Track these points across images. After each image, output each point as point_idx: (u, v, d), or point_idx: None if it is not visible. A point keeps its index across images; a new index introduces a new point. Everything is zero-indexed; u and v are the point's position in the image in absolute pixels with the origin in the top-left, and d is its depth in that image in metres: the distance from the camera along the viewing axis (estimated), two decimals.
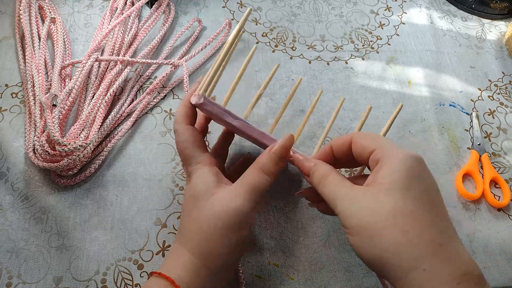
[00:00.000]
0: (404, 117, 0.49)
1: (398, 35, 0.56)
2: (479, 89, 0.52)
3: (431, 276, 0.24)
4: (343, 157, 0.32)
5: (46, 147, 0.39)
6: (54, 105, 0.40)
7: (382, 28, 0.57)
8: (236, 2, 0.57)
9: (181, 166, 0.43)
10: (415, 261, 0.24)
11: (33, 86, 0.44)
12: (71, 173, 0.41)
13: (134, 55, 0.50)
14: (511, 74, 0.54)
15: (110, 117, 0.44)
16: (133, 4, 0.53)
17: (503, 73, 0.54)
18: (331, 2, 0.59)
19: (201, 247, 0.30)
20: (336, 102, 0.49)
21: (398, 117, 0.48)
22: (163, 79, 0.48)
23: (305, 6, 0.58)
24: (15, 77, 0.48)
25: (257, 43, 0.53)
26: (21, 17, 0.49)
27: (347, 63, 0.53)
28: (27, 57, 0.46)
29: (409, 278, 0.24)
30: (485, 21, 0.60)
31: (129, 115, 0.46)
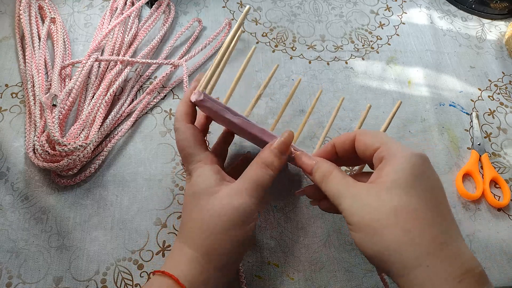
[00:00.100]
0: (404, 117, 0.49)
1: (398, 35, 0.56)
2: (479, 89, 0.52)
3: (432, 274, 0.24)
4: (345, 155, 0.32)
5: (46, 147, 0.39)
6: (54, 105, 0.40)
7: (382, 28, 0.57)
8: (236, 2, 0.57)
9: (181, 166, 0.43)
10: (416, 260, 0.24)
11: (33, 86, 0.44)
12: (71, 173, 0.41)
13: (134, 55, 0.50)
14: (511, 74, 0.54)
15: (110, 117, 0.44)
16: (133, 4, 0.53)
17: (503, 73, 0.54)
18: (331, 2, 0.59)
19: (205, 244, 0.30)
20: (336, 102, 0.49)
21: (398, 117, 0.48)
22: (163, 79, 0.48)
23: (305, 6, 0.58)
24: (15, 77, 0.48)
25: (257, 43, 0.53)
26: (21, 17, 0.49)
27: (347, 63, 0.53)
28: (27, 57, 0.46)
29: (410, 276, 0.24)
30: (485, 21, 0.60)
31: (129, 115, 0.46)
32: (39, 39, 0.48)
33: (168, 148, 0.44)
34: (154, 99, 0.47)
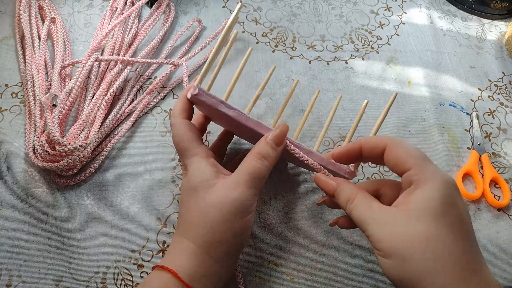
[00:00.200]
0: (404, 117, 0.49)
1: (398, 35, 0.56)
2: (479, 89, 0.52)
3: None
4: (371, 159, 0.32)
5: (46, 147, 0.39)
6: (54, 105, 0.40)
7: (382, 28, 0.57)
8: (236, 2, 0.57)
9: (181, 165, 0.43)
10: (447, 287, 0.24)
11: (33, 86, 0.44)
12: (71, 173, 0.41)
13: (134, 55, 0.50)
14: (511, 74, 0.54)
15: (110, 117, 0.44)
16: (133, 4, 0.53)
17: (503, 73, 0.54)
18: (331, 2, 0.59)
19: (204, 237, 0.30)
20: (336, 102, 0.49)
21: (398, 117, 0.48)
22: (163, 79, 0.48)
23: (305, 6, 0.58)
24: (15, 77, 0.48)
25: (257, 43, 0.53)
26: (21, 17, 0.49)
27: (347, 63, 0.53)
28: (27, 57, 0.46)
29: None
30: (485, 21, 0.60)
31: (129, 115, 0.46)
32: (39, 39, 0.48)
33: (168, 148, 0.44)
34: (154, 99, 0.47)
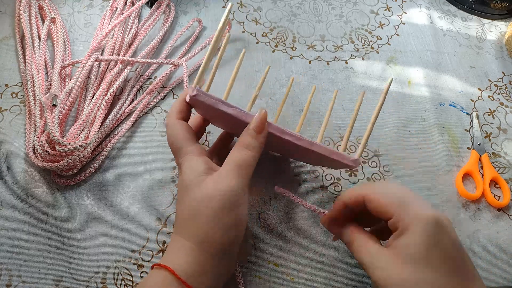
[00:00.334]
0: (404, 117, 0.49)
1: (398, 35, 0.56)
2: (479, 89, 0.52)
3: None
4: (362, 213, 0.32)
5: (46, 147, 0.39)
6: (54, 105, 0.40)
7: (382, 28, 0.57)
8: (236, 2, 0.57)
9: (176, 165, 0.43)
10: None
11: (33, 86, 0.44)
12: (71, 173, 0.41)
13: (134, 55, 0.50)
14: (511, 74, 0.54)
15: (110, 117, 0.44)
16: (133, 4, 0.53)
17: (503, 73, 0.54)
18: (331, 2, 0.59)
19: (197, 232, 0.30)
20: (336, 102, 0.49)
21: (398, 117, 0.48)
22: (163, 79, 0.48)
23: (305, 6, 0.58)
24: (15, 77, 0.48)
25: (257, 43, 0.53)
26: (21, 17, 0.49)
27: (347, 63, 0.53)
28: (27, 57, 0.46)
29: None
30: (485, 21, 0.60)
31: (129, 115, 0.46)
32: (39, 39, 0.48)
33: (168, 148, 0.44)
34: (154, 99, 0.47)
